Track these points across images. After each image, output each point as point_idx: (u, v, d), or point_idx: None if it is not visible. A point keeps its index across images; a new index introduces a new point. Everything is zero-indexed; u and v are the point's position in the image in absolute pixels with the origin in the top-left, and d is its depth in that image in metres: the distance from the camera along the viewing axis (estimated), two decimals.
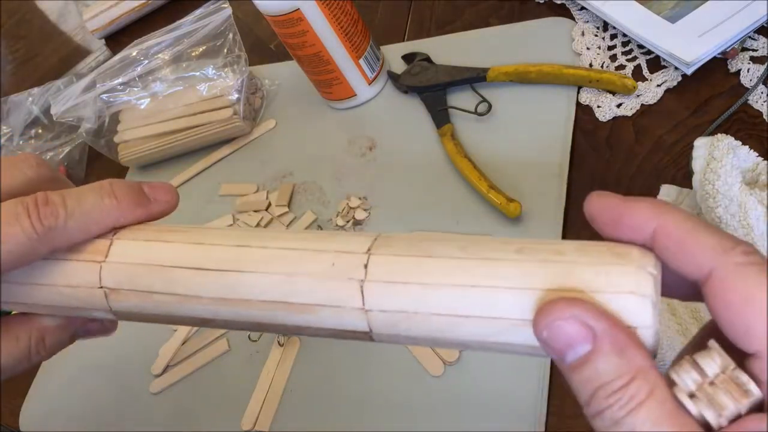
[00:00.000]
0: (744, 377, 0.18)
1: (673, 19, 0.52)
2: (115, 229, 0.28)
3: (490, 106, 0.56)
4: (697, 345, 0.22)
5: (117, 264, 0.27)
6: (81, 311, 0.29)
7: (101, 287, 0.27)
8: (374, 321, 0.23)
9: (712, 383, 0.18)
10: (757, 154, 0.42)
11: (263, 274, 0.25)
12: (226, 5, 0.70)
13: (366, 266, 0.23)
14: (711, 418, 0.18)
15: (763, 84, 0.48)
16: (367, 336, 0.24)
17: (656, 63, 0.53)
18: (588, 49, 0.57)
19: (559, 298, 0.20)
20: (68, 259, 0.28)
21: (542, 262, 0.21)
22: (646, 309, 0.20)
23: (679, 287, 0.21)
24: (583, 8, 0.59)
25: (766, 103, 0.47)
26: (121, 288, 0.27)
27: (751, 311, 0.18)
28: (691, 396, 0.19)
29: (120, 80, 0.70)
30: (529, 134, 0.54)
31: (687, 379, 0.19)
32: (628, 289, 0.20)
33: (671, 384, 0.19)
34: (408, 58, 0.64)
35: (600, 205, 0.22)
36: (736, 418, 0.18)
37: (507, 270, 0.21)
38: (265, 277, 0.25)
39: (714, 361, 0.19)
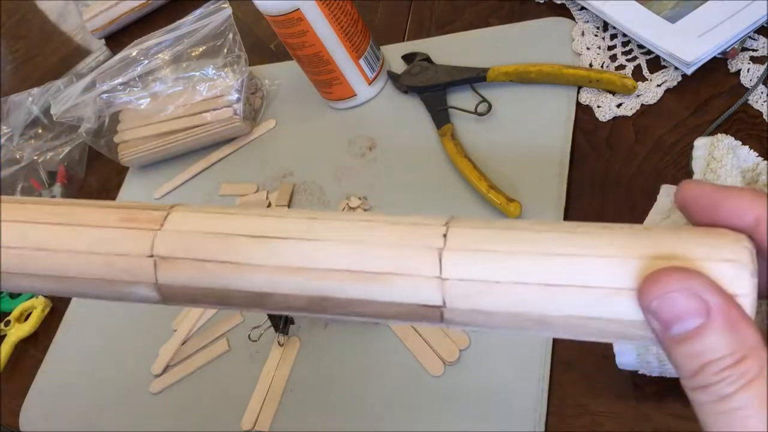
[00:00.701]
0: None
1: (673, 19, 0.52)
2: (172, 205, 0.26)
3: (490, 106, 0.56)
4: None
5: (173, 232, 0.25)
6: (120, 287, 0.26)
7: (151, 255, 0.25)
8: (450, 292, 0.21)
9: None
10: (757, 154, 0.42)
11: (333, 241, 0.23)
12: (226, 5, 0.70)
13: (445, 236, 0.22)
14: None
15: (763, 84, 0.48)
16: (438, 313, 0.22)
17: (656, 63, 0.53)
18: (588, 49, 0.57)
19: (672, 268, 0.19)
20: (117, 227, 0.25)
21: (634, 234, 0.20)
22: (744, 277, 0.19)
23: None
24: (583, 8, 0.59)
25: (766, 103, 0.47)
26: (173, 256, 0.24)
27: None
28: None
29: (120, 80, 0.70)
30: (529, 134, 0.54)
31: None
32: (725, 257, 0.19)
33: None
34: (408, 58, 0.64)
35: (696, 191, 0.21)
36: None
37: (599, 239, 0.20)
38: (334, 245, 0.23)
39: None
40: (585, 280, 0.20)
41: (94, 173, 0.79)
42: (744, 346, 0.18)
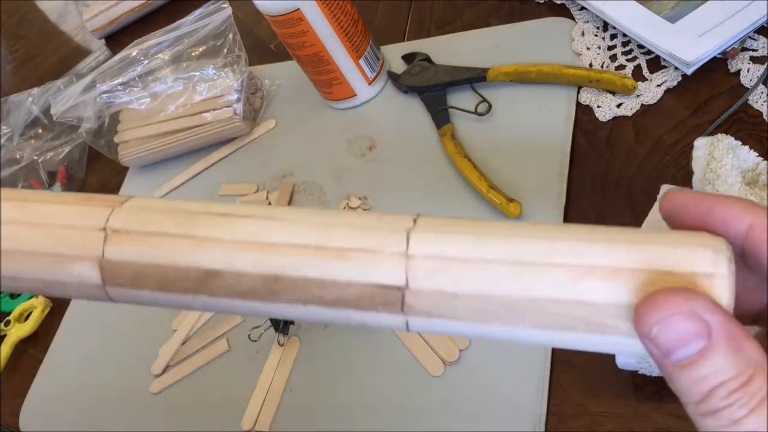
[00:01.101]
0: None
1: (673, 19, 0.52)
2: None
3: (490, 106, 0.56)
4: None
5: (133, 208, 0.24)
6: (61, 263, 0.24)
7: (104, 228, 0.23)
8: (415, 270, 0.20)
9: None
10: (757, 154, 0.42)
11: (297, 222, 0.22)
12: (226, 5, 0.70)
13: (415, 220, 0.21)
14: None
15: (763, 84, 0.48)
16: (399, 296, 0.20)
17: (656, 63, 0.53)
18: (588, 49, 0.57)
19: (669, 289, 0.18)
20: (74, 203, 0.24)
21: (607, 229, 0.20)
22: (721, 260, 0.18)
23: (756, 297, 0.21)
24: (583, 8, 0.59)
25: (766, 103, 0.47)
26: (127, 229, 0.23)
27: None
28: None
29: (120, 80, 0.70)
30: (529, 134, 0.54)
31: None
32: (702, 242, 0.19)
33: None
34: (408, 58, 0.64)
35: (684, 199, 0.21)
36: None
37: (571, 228, 0.20)
38: (298, 224, 0.22)
39: None
40: (554, 259, 0.19)
41: (94, 173, 0.79)
42: (749, 365, 0.18)
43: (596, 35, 0.57)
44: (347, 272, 0.21)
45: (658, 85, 0.52)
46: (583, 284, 0.19)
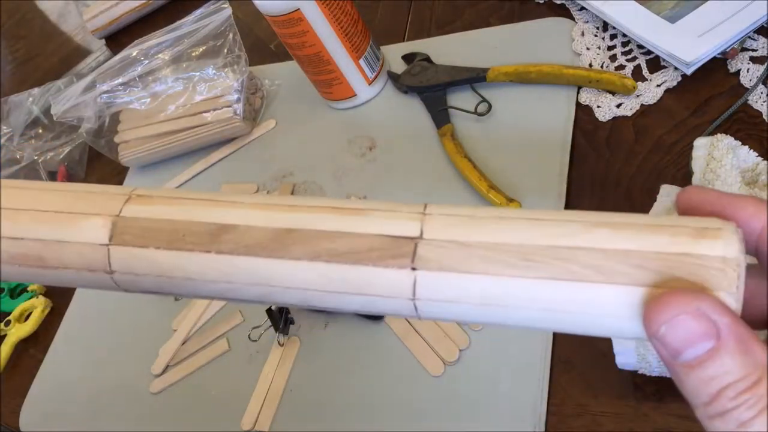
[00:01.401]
0: None
1: (673, 19, 0.52)
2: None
3: (490, 106, 0.56)
4: None
5: (158, 189, 0.25)
6: (73, 221, 0.24)
7: (129, 194, 0.24)
8: (429, 224, 0.21)
9: None
10: (756, 154, 0.42)
11: (317, 204, 0.23)
12: (226, 5, 0.70)
13: (426, 205, 0.22)
14: None
15: (762, 84, 0.48)
16: (411, 247, 0.20)
17: (656, 63, 0.53)
18: (588, 49, 0.57)
19: (677, 290, 0.18)
20: (87, 191, 0.25)
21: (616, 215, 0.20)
22: (734, 242, 0.18)
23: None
24: (583, 8, 0.59)
25: (765, 103, 0.47)
26: (151, 194, 0.24)
27: None
28: None
29: (120, 80, 0.70)
30: (529, 134, 0.54)
31: None
32: (714, 225, 0.19)
33: None
34: (408, 58, 0.64)
35: (702, 196, 0.21)
36: None
37: (588, 216, 0.20)
38: (317, 200, 0.23)
39: None
40: (567, 216, 0.20)
41: (94, 173, 0.79)
42: (758, 367, 0.17)
43: (596, 35, 0.57)
44: (362, 224, 0.21)
45: (658, 85, 0.52)
46: (595, 233, 0.19)
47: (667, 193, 0.46)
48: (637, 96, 0.52)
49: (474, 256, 0.20)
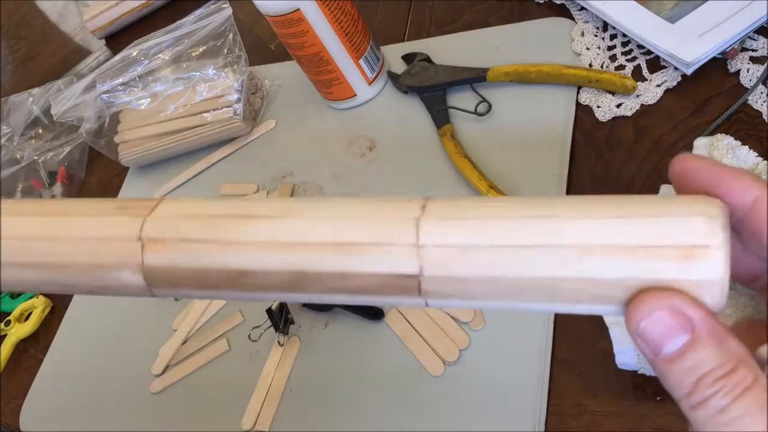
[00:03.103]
0: None
1: (673, 19, 0.52)
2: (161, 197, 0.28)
3: (490, 106, 0.56)
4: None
5: (162, 216, 0.26)
6: (105, 272, 0.26)
7: (139, 239, 0.25)
8: (427, 259, 0.22)
9: None
10: (756, 154, 0.42)
11: (313, 218, 0.24)
12: (226, 5, 0.70)
13: (424, 207, 0.23)
14: None
15: (762, 84, 0.48)
16: (416, 283, 0.22)
17: (656, 63, 0.53)
18: (588, 49, 0.57)
19: (653, 289, 0.20)
20: (108, 215, 0.26)
21: (607, 199, 0.21)
22: (716, 230, 0.19)
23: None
24: (583, 8, 0.59)
25: (765, 103, 0.47)
26: (161, 237, 0.25)
27: None
28: None
29: (120, 80, 0.70)
30: (529, 134, 0.54)
31: None
32: (697, 210, 0.19)
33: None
34: (408, 58, 0.64)
35: (698, 164, 0.21)
36: None
37: (573, 202, 0.21)
38: (314, 220, 0.24)
39: None
40: (557, 240, 0.20)
41: (94, 173, 0.79)
42: (733, 357, 0.19)
43: (596, 35, 0.57)
44: (365, 265, 0.23)
45: (658, 85, 0.52)
46: (587, 262, 0.20)
47: (667, 193, 0.46)
48: (637, 96, 0.52)
49: (473, 290, 0.22)
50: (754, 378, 0.18)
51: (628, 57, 0.55)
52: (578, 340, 0.44)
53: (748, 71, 0.49)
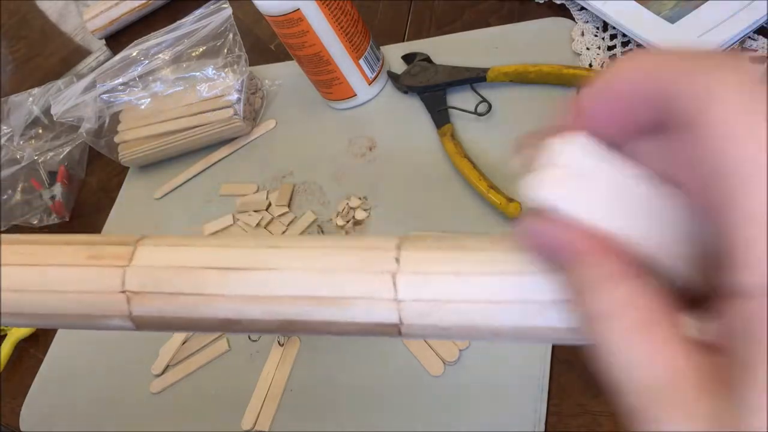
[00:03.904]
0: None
1: (673, 19, 0.52)
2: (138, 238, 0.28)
3: (490, 106, 0.56)
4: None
5: (141, 267, 0.26)
6: (96, 320, 0.28)
7: (123, 291, 0.26)
8: (406, 312, 0.23)
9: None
10: None
11: (294, 270, 0.25)
12: (226, 5, 0.70)
13: (398, 259, 0.24)
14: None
15: None
16: (396, 329, 0.24)
17: None
18: (588, 49, 0.57)
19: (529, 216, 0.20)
20: (87, 265, 0.27)
21: None
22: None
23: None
24: (583, 8, 0.59)
25: None
26: (144, 291, 0.26)
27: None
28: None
29: (120, 80, 0.70)
30: None
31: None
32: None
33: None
34: (408, 58, 0.64)
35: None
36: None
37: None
38: (295, 273, 0.25)
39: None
40: (522, 295, 0.22)
41: (94, 173, 0.79)
42: (612, 275, 0.18)
43: (596, 35, 0.57)
44: (347, 316, 0.24)
45: None
46: (548, 315, 0.22)
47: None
48: None
49: (452, 334, 0.23)
50: (629, 299, 0.17)
51: None
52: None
53: None
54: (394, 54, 0.65)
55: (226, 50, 0.69)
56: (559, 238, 0.19)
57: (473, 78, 0.58)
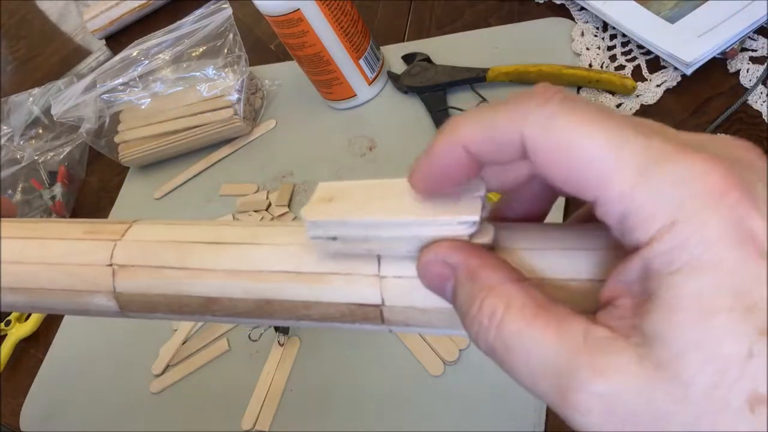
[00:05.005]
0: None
1: (672, 19, 0.52)
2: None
3: None
4: None
5: (131, 241, 0.27)
6: (81, 298, 0.28)
7: (110, 264, 0.26)
8: (388, 290, 0.23)
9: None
10: None
11: (278, 245, 0.24)
12: (226, 5, 0.70)
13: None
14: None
15: (762, 84, 0.48)
16: (378, 312, 0.23)
17: (656, 63, 0.53)
18: (588, 49, 0.57)
19: (428, 246, 0.20)
20: (82, 239, 0.27)
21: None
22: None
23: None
24: (582, 8, 0.59)
25: (765, 103, 0.47)
26: (131, 264, 0.26)
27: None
28: None
29: (120, 80, 0.70)
30: None
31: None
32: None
33: None
34: (408, 58, 0.64)
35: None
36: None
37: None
38: (278, 248, 0.24)
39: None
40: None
41: (94, 173, 0.79)
42: (481, 290, 0.19)
43: (596, 35, 0.57)
44: (327, 295, 0.23)
45: (658, 86, 0.52)
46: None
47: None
48: (637, 96, 0.52)
49: (432, 319, 0.23)
50: (505, 305, 0.18)
51: (628, 57, 0.55)
52: None
53: (747, 71, 0.49)
54: (394, 54, 0.65)
55: (226, 50, 0.69)
56: (440, 270, 0.20)
57: (473, 78, 0.58)
